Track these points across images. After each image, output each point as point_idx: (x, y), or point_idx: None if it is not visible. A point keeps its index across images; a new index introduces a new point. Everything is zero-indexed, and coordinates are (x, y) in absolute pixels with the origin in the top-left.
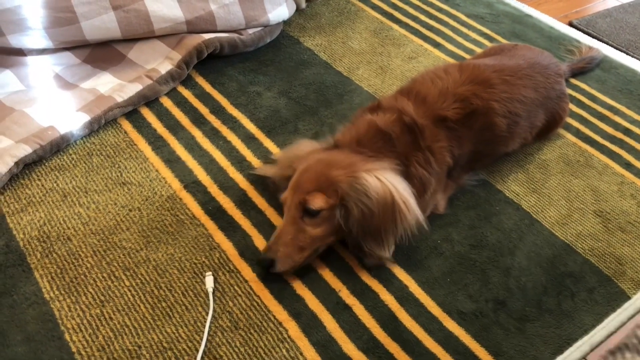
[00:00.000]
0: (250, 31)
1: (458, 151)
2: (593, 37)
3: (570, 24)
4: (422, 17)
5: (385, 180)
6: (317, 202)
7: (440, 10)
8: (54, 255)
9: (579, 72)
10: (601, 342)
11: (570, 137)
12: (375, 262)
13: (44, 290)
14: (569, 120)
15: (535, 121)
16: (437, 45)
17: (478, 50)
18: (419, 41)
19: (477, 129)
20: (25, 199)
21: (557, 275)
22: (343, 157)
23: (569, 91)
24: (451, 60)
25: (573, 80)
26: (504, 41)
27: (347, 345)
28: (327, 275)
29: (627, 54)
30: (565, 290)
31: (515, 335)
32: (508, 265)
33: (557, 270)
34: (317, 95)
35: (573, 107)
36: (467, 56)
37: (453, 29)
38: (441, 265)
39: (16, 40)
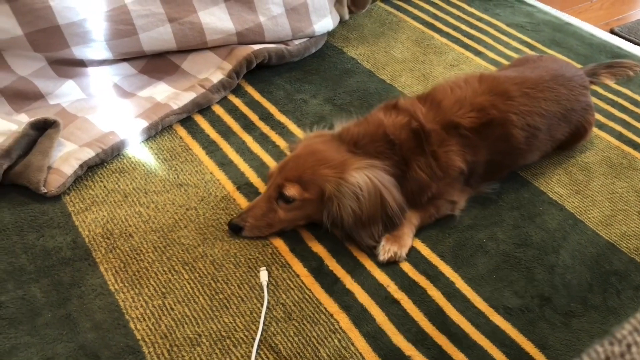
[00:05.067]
0: (297, 42)
1: (472, 158)
2: (635, 43)
3: (612, 32)
4: (463, 27)
5: (373, 178)
6: (292, 191)
7: (480, 19)
8: (117, 250)
9: (613, 70)
10: None
11: (613, 140)
12: (366, 247)
13: (109, 282)
14: (611, 124)
15: (557, 134)
16: (478, 53)
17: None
18: (460, 49)
19: (492, 140)
20: (89, 198)
21: (602, 273)
22: (336, 154)
23: (610, 95)
24: (493, 68)
25: (615, 85)
26: (544, 49)
27: (397, 337)
28: (376, 271)
29: None
30: (611, 287)
31: (562, 330)
32: (553, 263)
33: (601, 269)
34: (361, 102)
35: (615, 111)
36: (508, 64)
37: (494, 37)
38: (487, 263)
39: (79, 52)
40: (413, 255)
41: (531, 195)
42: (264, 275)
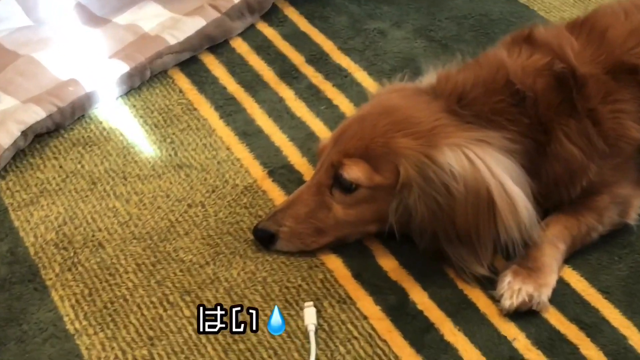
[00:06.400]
0: None
1: None
2: None
3: None
4: None
5: (479, 163)
6: (354, 172)
7: None
8: (80, 268)
9: None
10: None
11: None
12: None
13: (66, 318)
14: None
15: None
16: None
17: None
18: None
19: None
20: (36, 185)
21: None
22: (426, 115)
23: None
24: None
25: None
26: None
27: None
28: (494, 316)
29: None
30: None
31: None
32: None
33: None
34: (475, 35)
35: None
36: None
37: None
38: None
39: None
40: (557, 291)
41: None
42: (310, 315)
